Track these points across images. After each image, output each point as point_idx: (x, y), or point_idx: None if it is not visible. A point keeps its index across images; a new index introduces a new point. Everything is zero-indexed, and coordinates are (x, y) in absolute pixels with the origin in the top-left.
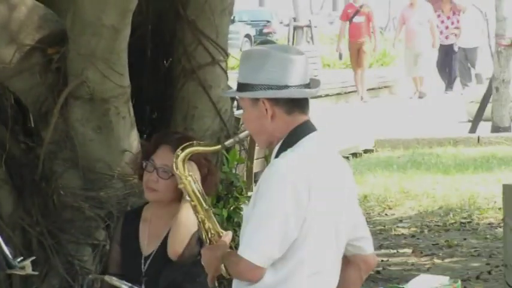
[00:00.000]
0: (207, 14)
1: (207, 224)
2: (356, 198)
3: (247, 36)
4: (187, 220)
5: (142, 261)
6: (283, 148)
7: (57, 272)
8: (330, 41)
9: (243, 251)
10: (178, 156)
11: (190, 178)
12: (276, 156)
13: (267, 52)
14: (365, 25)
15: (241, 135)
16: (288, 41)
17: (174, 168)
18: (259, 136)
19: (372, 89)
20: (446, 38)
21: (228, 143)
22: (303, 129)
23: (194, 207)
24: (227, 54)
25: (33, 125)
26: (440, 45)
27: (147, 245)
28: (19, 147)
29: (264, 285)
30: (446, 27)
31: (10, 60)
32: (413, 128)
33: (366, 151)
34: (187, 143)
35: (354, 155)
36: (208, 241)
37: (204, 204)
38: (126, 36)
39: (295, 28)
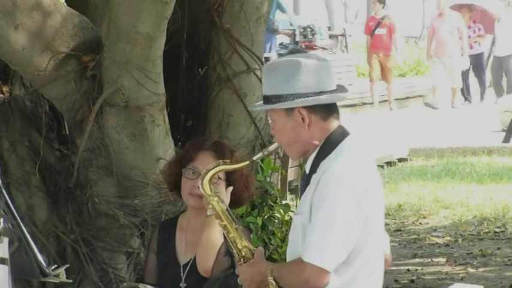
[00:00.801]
0: (242, 22)
1: (239, 243)
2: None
3: (281, 44)
4: (212, 235)
5: (181, 269)
6: (322, 154)
7: (91, 280)
8: (364, 49)
9: (311, 257)
10: (204, 176)
11: (217, 198)
12: (314, 165)
13: (297, 61)
14: (387, 37)
15: (271, 148)
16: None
17: (201, 189)
18: (294, 146)
19: (403, 98)
20: (471, 47)
21: (256, 157)
22: (340, 134)
23: (224, 227)
24: (262, 63)
25: (68, 133)
26: (469, 55)
27: (185, 254)
28: (54, 154)
29: None
30: (469, 37)
31: (45, 67)
32: (447, 138)
33: (400, 160)
34: (215, 163)
35: (388, 163)
36: (242, 259)
37: (234, 224)
38: (161, 44)
39: (330, 37)
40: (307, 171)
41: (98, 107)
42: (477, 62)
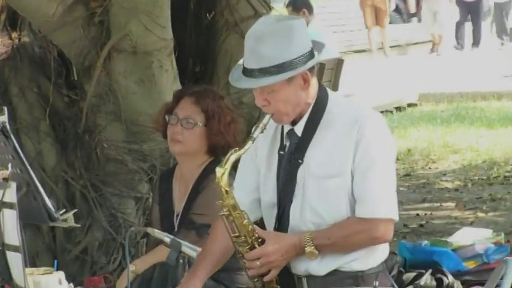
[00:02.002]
0: None
1: (243, 238)
2: None
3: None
4: None
5: (174, 218)
6: (317, 113)
7: (100, 225)
8: None
9: (383, 212)
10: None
11: (229, 194)
12: (312, 120)
13: (288, 24)
14: None
15: (264, 120)
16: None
17: (217, 182)
18: (295, 110)
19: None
20: None
21: (256, 134)
22: (324, 91)
23: (228, 217)
24: (270, 8)
25: (76, 78)
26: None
27: (178, 203)
28: (62, 100)
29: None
30: None
31: (53, 13)
32: (456, 82)
33: (409, 105)
34: (228, 155)
35: (398, 109)
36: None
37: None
38: None
39: None
40: (300, 133)
41: (106, 53)
42: (474, 8)
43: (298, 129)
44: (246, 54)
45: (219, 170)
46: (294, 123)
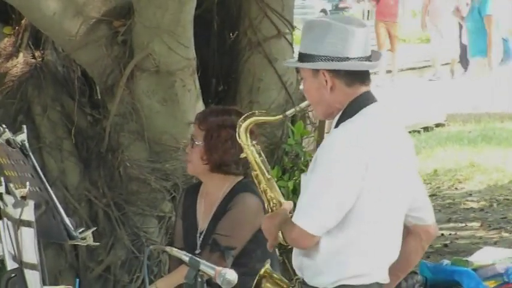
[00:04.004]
0: None
1: (269, 194)
2: (415, 170)
3: (323, 11)
4: None
5: (198, 235)
6: (342, 119)
7: (123, 244)
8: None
9: (297, 218)
10: (240, 125)
11: (253, 148)
12: (336, 127)
13: (328, 23)
14: (393, 3)
15: (302, 104)
16: (363, 16)
17: (237, 137)
18: (318, 106)
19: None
20: None
21: (289, 112)
22: (363, 100)
23: (256, 177)
24: (293, 27)
25: (99, 97)
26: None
27: (202, 220)
28: (86, 119)
29: (320, 254)
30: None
31: (76, 32)
32: (484, 103)
33: (437, 125)
34: (250, 113)
35: (425, 129)
36: (270, 210)
37: (267, 174)
38: (192, 8)
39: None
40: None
41: (129, 72)
42: None
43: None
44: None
45: (239, 126)
46: None
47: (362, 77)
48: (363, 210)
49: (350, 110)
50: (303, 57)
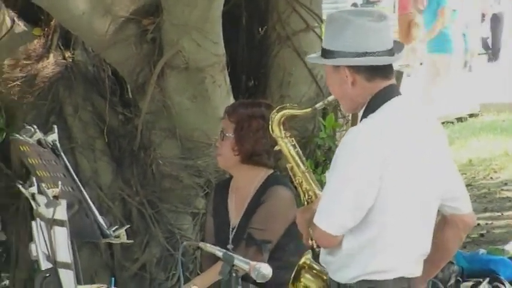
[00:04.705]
0: None
1: (305, 186)
2: (449, 160)
3: (354, 5)
4: None
5: (230, 231)
6: (365, 114)
7: (157, 242)
8: None
9: (317, 219)
10: (273, 118)
11: (286, 140)
12: (360, 122)
13: (346, 18)
14: None
15: (330, 98)
16: (394, 9)
17: (270, 130)
18: (343, 101)
19: None
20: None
21: (318, 105)
22: (385, 95)
23: (291, 169)
24: (322, 20)
25: (130, 96)
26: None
27: (234, 216)
28: (117, 118)
29: (342, 252)
30: None
31: (105, 32)
32: None
33: (471, 115)
34: (281, 106)
35: (459, 119)
36: (306, 202)
37: (302, 166)
38: (220, 4)
39: None
40: None
41: (159, 70)
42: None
43: None
44: None
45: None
46: None
47: (383, 71)
48: (385, 207)
49: (372, 105)
50: (324, 53)
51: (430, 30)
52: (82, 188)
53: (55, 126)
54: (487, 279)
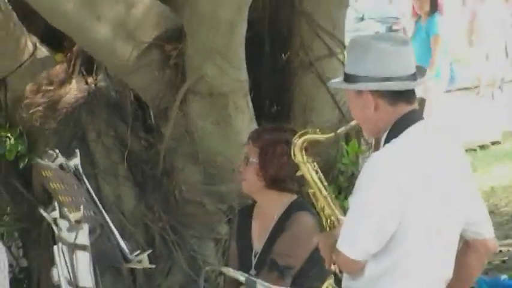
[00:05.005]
0: (324, 7)
1: (327, 211)
2: (472, 185)
3: (376, 33)
4: None
5: (253, 256)
6: (387, 139)
7: (180, 267)
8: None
9: (340, 244)
10: (295, 144)
11: (309, 165)
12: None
13: (368, 43)
14: None
15: (352, 122)
16: None
17: (292, 155)
18: (365, 125)
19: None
20: None
21: (340, 130)
22: (407, 120)
23: (313, 194)
24: (344, 47)
25: (153, 121)
26: None
27: (257, 241)
28: (140, 143)
29: (364, 277)
30: None
31: (128, 57)
32: None
33: (493, 143)
34: (303, 131)
35: (481, 147)
36: (328, 228)
37: (324, 192)
38: (243, 30)
39: None
40: None
41: (182, 95)
42: None
43: None
44: None
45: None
46: None
47: (406, 95)
48: (407, 233)
49: (395, 130)
50: (346, 78)
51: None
52: (104, 212)
53: (77, 151)
54: None
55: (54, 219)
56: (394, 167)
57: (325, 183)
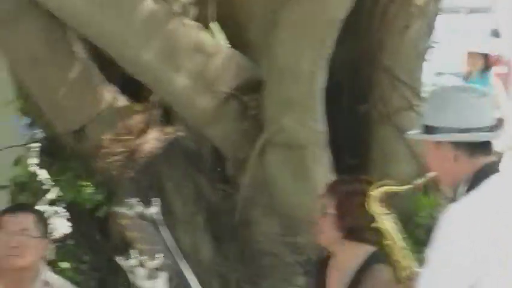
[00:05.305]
0: (402, 59)
1: (403, 264)
2: None
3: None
4: None
5: None
6: (466, 191)
7: None
8: None
9: None
10: (370, 195)
11: (384, 217)
12: None
13: (448, 94)
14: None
15: (430, 174)
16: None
17: (367, 207)
18: (443, 177)
19: None
20: None
21: (418, 182)
22: (484, 172)
23: (389, 246)
24: (421, 99)
25: (230, 172)
26: None
27: None
28: (217, 194)
29: None
30: None
31: (207, 108)
32: None
33: None
34: (380, 182)
35: None
36: (404, 280)
37: (401, 243)
38: (322, 81)
39: None
40: None
41: (260, 146)
42: None
43: None
44: None
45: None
46: None
47: (484, 147)
48: (484, 285)
49: (472, 183)
50: (425, 129)
51: None
52: (179, 262)
53: (157, 199)
54: None
55: (131, 268)
56: (470, 221)
57: (402, 235)
